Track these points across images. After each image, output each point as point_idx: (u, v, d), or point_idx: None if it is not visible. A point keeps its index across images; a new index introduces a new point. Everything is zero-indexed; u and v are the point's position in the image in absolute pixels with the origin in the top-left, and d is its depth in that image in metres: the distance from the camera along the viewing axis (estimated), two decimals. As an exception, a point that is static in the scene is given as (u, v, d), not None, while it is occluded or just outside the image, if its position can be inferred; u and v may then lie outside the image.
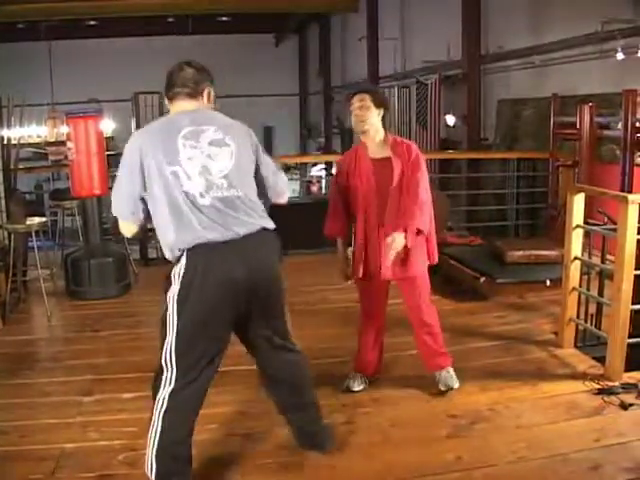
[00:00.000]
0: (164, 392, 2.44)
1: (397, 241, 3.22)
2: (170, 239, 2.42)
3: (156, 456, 2.42)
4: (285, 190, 2.83)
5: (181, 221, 2.39)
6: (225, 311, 2.45)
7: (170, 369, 2.44)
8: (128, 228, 2.58)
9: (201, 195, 2.39)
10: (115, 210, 2.54)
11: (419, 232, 3.32)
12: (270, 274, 2.55)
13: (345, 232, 3.56)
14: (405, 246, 3.27)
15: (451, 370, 3.56)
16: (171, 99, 2.59)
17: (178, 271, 2.41)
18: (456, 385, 3.51)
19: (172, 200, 2.40)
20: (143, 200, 2.48)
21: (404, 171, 3.34)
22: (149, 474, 2.45)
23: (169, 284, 2.45)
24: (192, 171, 2.40)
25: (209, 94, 2.61)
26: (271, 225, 2.57)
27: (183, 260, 2.40)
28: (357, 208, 3.43)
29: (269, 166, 2.72)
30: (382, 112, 3.41)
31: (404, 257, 3.33)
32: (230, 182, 2.45)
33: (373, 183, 3.36)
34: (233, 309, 2.47)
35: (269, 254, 2.55)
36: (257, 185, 2.62)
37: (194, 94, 2.56)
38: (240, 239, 2.42)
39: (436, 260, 3.52)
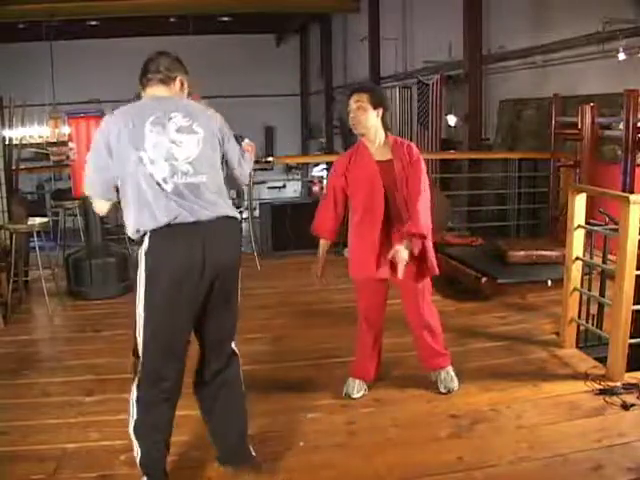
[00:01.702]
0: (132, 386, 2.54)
1: (401, 254, 3.14)
2: (131, 220, 2.46)
3: None
4: (245, 181, 2.90)
5: (143, 204, 2.42)
6: (185, 296, 2.43)
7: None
8: (100, 206, 2.63)
9: (164, 180, 2.41)
10: (88, 189, 2.58)
11: (423, 237, 3.24)
12: (229, 262, 2.53)
13: (332, 235, 3.49)
14: (412, 252, 3.19)
15: (451, 371, 3.54)
16: (144, 86, 2.63)
17: (142, 252, 2.44)
18: (456, 387, 3.50)
19: (135, 183, 2.43)
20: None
21: (405, 174, 3.28)
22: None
23: (137, 265, 2.48)
24: (157, 157, 2.42)
25: (182, 83, 2.64)
26: (235, 213, 2.58)
27: (146, 241, 2.43)
28: (355, 208, 3.36)
29: (234, 157, 2.70)
30: (381, 112, 3.28)
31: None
32: (195, 168, 2.46)
33: (379, 185, 3.27)
34: (193, 295, 2.45)
35: (230, 241, 2.55)
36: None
37: (166, 80, 2.60)
38: (202, 224, 2.43)
39: (437, 271, 3.39)
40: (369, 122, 3.27)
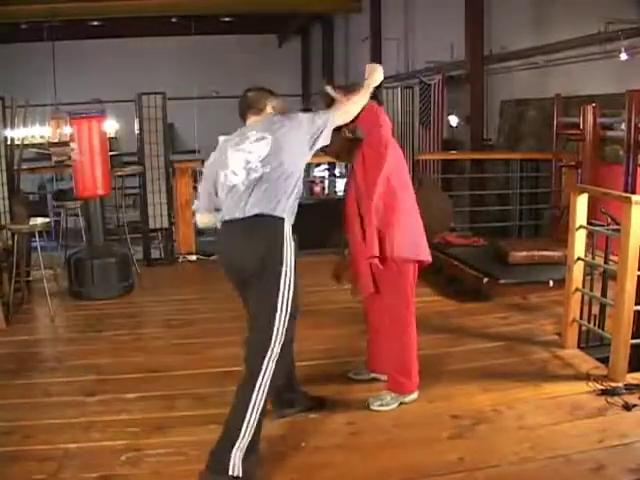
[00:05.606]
0: None
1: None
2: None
3: None
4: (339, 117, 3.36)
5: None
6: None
7: None
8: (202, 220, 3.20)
9: (242, 183, 2.84)
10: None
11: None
12: (245, 259, 2.80)
13: None
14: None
15: (387, 396, 3.36)
16: (244, 119, 3.11)
17: None
18: (372, 407, 3.32)
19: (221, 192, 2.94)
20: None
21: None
22: None
23: None
24: (237, 168, 2.86)
25: (273, 107, 3.15)
26: (272, 212, 2.82)
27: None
28: None
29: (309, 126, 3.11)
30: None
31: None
32: (265, 162, 2.83)
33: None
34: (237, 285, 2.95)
35: (249, 241, 2.80)
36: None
37: (257, 111, 3.08)
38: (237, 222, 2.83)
39: (364, 293, 3.35)
40: None
